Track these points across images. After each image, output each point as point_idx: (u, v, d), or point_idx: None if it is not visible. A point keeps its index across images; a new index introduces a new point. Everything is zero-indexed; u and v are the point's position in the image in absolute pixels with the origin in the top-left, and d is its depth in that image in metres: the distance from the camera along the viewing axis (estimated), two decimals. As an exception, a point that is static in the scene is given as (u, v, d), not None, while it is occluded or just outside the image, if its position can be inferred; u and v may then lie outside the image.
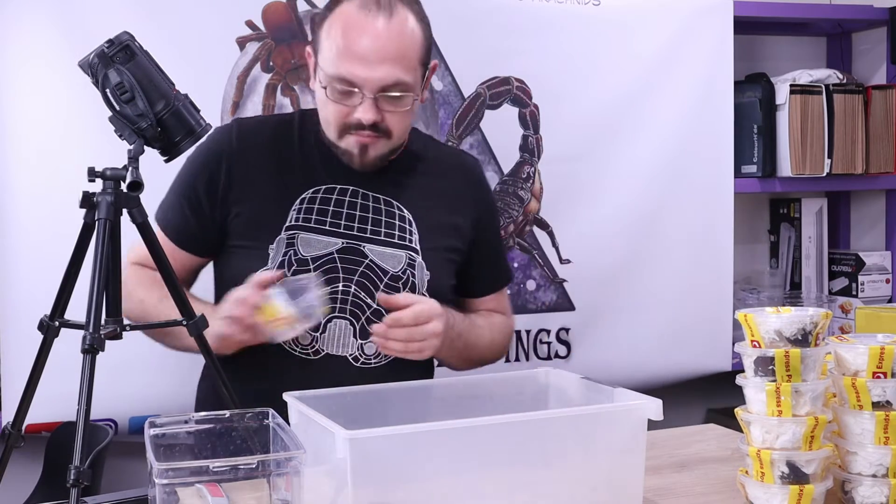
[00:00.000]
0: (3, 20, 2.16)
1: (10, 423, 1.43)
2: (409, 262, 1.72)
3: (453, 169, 1.85)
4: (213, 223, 1.72)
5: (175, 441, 1.34)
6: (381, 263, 1.70)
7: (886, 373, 1.26)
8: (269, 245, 1.68)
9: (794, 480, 1.26)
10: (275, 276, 1.58)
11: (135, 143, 1.34)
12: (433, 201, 1.78)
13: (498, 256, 1.93)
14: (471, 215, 1.82)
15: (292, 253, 1.67)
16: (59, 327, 1.36)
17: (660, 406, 1.30)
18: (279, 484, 1.20)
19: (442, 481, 1.22)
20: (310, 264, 1.67)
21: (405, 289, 1.71)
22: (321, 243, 1.68)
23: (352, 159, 1.69)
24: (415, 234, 1.74)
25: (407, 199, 1.75)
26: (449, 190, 1.81)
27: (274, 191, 1.71)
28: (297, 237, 1.68)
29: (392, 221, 1.73)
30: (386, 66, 1.60)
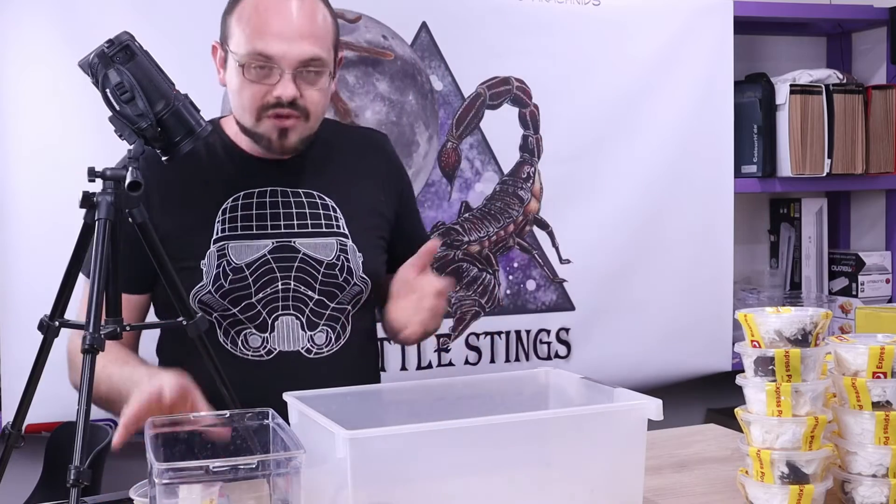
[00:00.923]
0: (3, 21, 2.16)
1: (10, 423, 1.43)
2: (341, 248, 1.72)
3: (365, 148, 1.85)
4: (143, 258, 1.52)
5: (175, 441, 1.34)
6: (313, 255, 1.70)
7: (886, 373, 1.26)
8: (200, 261, 1.66)
9: (794, 480, 1.26)
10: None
11: (135, 144, 1.34)
12: (352, 184, 1.78)
13: (418, 226, 1.93)
14: (391, 190, 1.83)
15: (225, 263, 1.66)
16: (59, 327, 1.36)
17: (660, 406, 1.30)
18: (279, 484, 1.20)
19: (442, 481, 1.22)
20: (244, 270, 1.66)
21: (342, 275, 1.71)
22: (251, 248, 1.68)
23: (270, 144, 1.67)
24: (341, 220, 1.74)
25: (326, 186, 1.75)
26: (365, 169, 1.81)
27: (194, 208, 1.68)
28: (226, 247, 1.67)
29: (316, 212, 1.73)
30: (303, 42, 1.60)
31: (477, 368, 2.56)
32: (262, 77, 1.61)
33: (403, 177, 1.90)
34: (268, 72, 1.61)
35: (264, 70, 1.61)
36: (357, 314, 1.75)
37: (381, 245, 1.80)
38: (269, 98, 1.62)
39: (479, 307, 2.57)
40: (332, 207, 1.74)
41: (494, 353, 2.59)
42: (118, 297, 1.36)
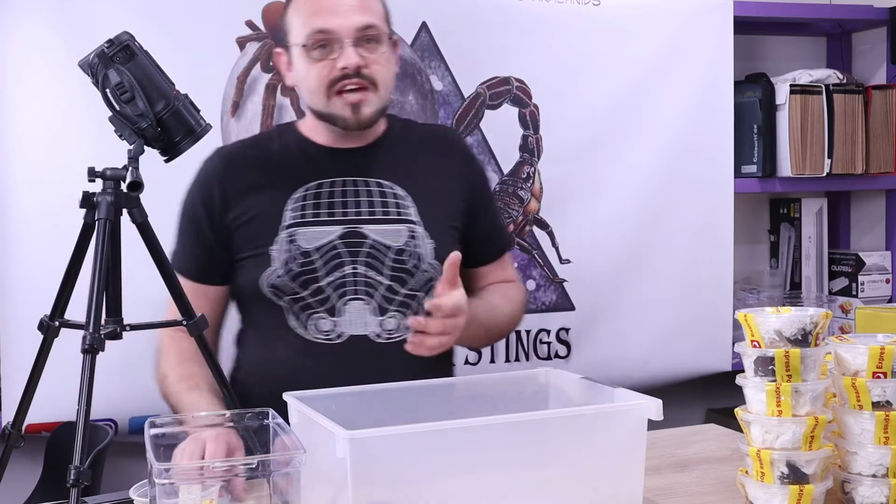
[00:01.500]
0: (3, 20, 2.16)
1: (10, 423, 1.43)
2: (411, 235, 1.75)
3: (437, 143, 1.89)
4: (222, 248, 1.76)
5: (175, 441, 1.34)
6: (383, 241, 1.73)
7: (886, 373, 1.26)
8: (270, 248, 1.71)
9: (794, 480, 1.26)
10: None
11: (135, 143, 1.34)
12: (423, 174, 1.81)
13: (494, 224, 1.95)
14: (462, 186, 1.85)
15: (294, 248, 1.71)
16: (59, 327, 1.37)
17: (660, 406, 1.30)
18: (279, 484, 1.20)
19: (442, 481, 1.22)
20: (312, 254, 1.71)
21: (411, 261, 1.74)
22: (321, 233, 1.72)
23: (346, 122, 1.71)
24: (411, 207, 1.77)
25: (397, 177, 1.78)
26: (436, 163, 1.84)
27: (266, 198, 1.75)
28: (296, 233, 1.71)
29: (386, 200, 1.76)
30: (356, 13, 1.68)
31: (477, 368, 2.55)
32: (324, 55, 1.68)
33: (477, 173, 1.93)
34: (329, 48, 1.68)
35: (326, 47, 1.68)
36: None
37: (454, 234, 1.82)
38: (334, 73, 1.68)
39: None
40: (402, 196, 1.77)
41: (494, 353, 2.59)
42: (118, 297, 1.36)
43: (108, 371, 1.51)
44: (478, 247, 1.87)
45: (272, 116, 2.35)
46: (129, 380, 2.15)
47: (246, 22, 2.33)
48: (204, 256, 1.77)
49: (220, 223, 1.75)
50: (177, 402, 1.64)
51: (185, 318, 1.41)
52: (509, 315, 1.89)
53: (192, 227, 1.78)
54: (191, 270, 1.75)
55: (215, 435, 1.36)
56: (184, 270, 1.74)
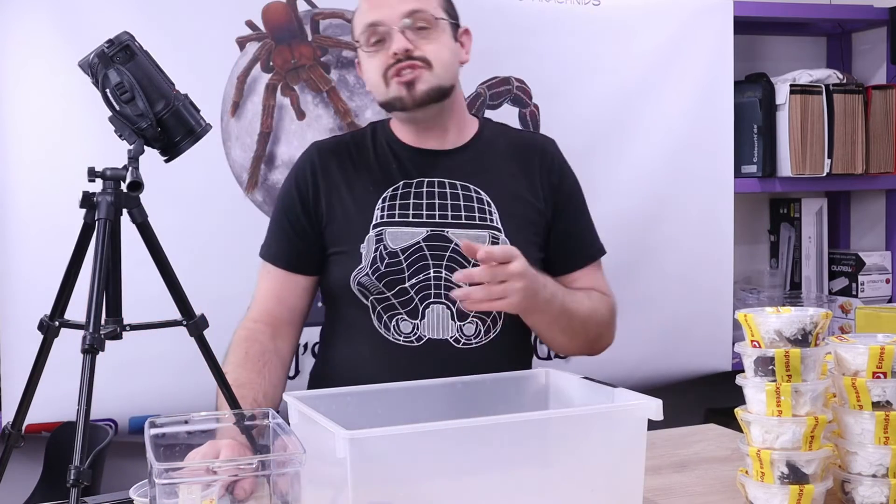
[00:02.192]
0: (3, 20, 2.16)
1: (10, 423, 1.43)
2: (493, 241, 1.76)
3: (526, 150, 1.90)
4: (315, 238, 1.81)
5: (175, 441, 1.34)
6: None
7: (886, 373, 1.26)
8: (360, 245, 1.75)
9: (794, 480, 1.26)
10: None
11: (135, 143, 1.34)
12: (509, 181, 1.83)
13: (584, 231, 1.93)
14: (548, 196, 1.86)
15: (382, 248, 1.74)
16: (59, 327, 1.36)
17: (660, 406, 1.30)
18: (279, 484, 1.20)
19: (442, 481, 1.22)
20: (399, 255, 1.74)
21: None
22: (407, 234, 1.75)
23: (403, 102, 1.74)
24: (495, 214, 1.78)
25: (483, 182, 1.80)
26: (523, 170, 1.85)
27: (358, 196, 1.79)
28: (384, 232, 1.75)
29: (471, 205, 1.78)
30: (404, 2, 1.72)
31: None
32: (378, 47, 1.74)
33: (565, 175, 1.91)
34: (381, 39, 1.73)
35: (378, 39, 1.73)
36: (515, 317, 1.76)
37: (535, 242, 1.83)
38: (388, 60, 1.72)
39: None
40: (486, 202, 1.79)
41: (494, 353, 2.58)
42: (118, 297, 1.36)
43: (108, 371, 1.51)
44: (562, 254, 1.87)
45: (272, 116, 2.35)
46: (129, 380, 2.15)
47: (246, 22, 2.33)
48: (298, 244, 1.81)
49: (315, 213, 1.80)
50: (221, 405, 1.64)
51: (185, 318, 1.40)
52: (590, 308, 1.83)
53: (286, 217, 1.83)
54: (284, 259, 1.81)
55: (229, 445, 1.37)
56: (276, 259, 1.81)
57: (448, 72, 1.77)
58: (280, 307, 1.80)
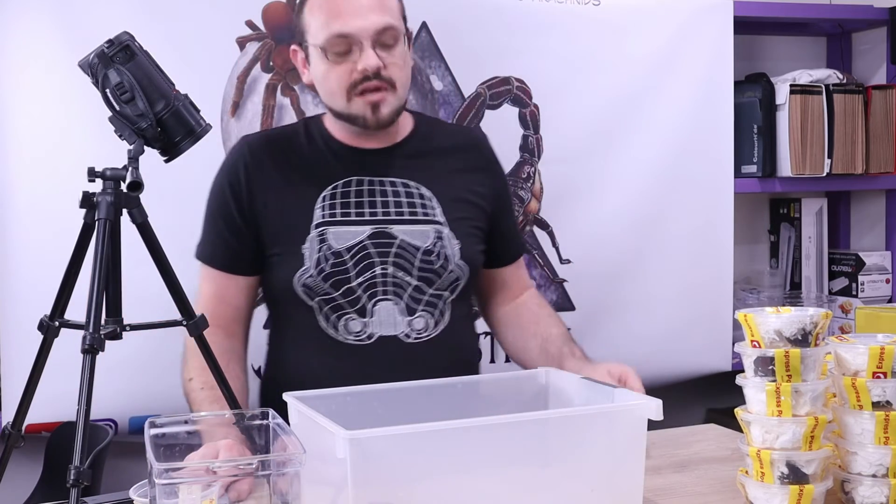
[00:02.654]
0: (3, 20, 2.16)
1: (10, 423, 1.43)
2: (437, 236, 1.77)
3: (464, 145, 1.91)
4: (251, 237, 1.78)
5: (175, 441, 1.34)
6: (411, 241, 1.75)
7: (886, 373, 1.26)
8: (301, 246, 1.73)
9: (794, 480, 1.26)
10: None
11: (135, 143, 1.34)
12: (448, 175, 1.84)
13: (512, 228, 1.98)
14: (486, 187, 1.87)
15: (326, 248, 1.73)
16: (59, 327, 1.36)
17: (660, 406, 1.30)
18: (279, 484, 1.20)
19: (442, 481, 1.22)
20: (344, 255, 1.72)
21: (439, 261, 1.76)
22: (351, 233, 1.74)
23: (366, 121, 1.73)
24: (437, 208, 1.79)
25: (423, 177, 1.81)
26: (462, 165, 1.86)
27: (295, 195, 1.76)
28: (327, 232, 1.73)
29: (413, 200, 1.78)
30: (375, 13, 1.68)
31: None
32: (344, 58, 1.69)
33: (500, 175, 1.95)
34: (348, 50, 1.69)
35: (345, 50, 1.69)
36: (456, 300, 1.80)
37: (478, 234, 1.85)
38: (354, 75, 1.69)
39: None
40: (428, 197, 1.79)
41: (494, 353, 2.59)
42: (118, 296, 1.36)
43: (108, 371, 1.51)
44: (499, 248, 1.91)
45: (272, 116, 2.35)
46: (129, 380, 2.15)
47: (246, 22, 2.33)
48: (234, 245, 1.78)
49: (250, 212, 1.77)
50: (199, 408, 1.64)
51: (185, 318, 1.41)
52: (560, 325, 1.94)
53: (220, 217, 1.79)
54: (220, 260, 1.78)
55: (228, 445, 1.37)
56: (212, 261, 1.78)
57: (407, 90, 1.78)
58: (225, 307, 1.76)
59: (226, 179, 1.79)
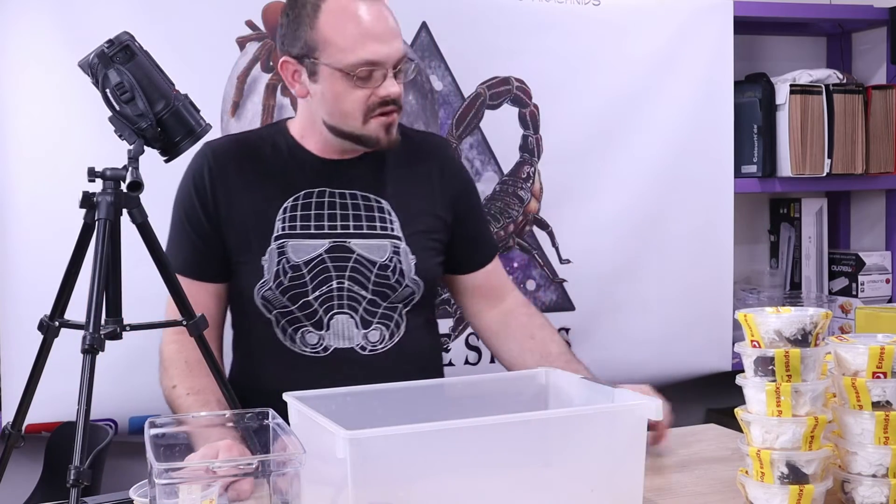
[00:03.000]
0: (3, 20, 2.16)
1: (10, 423, 1.43)
2: (394, 250, 1.77)
3: (423, 153, 1.90)
4: (219, 243, 1.77)
5: (175, 441, 1.34)
6: (367, 255, 1.76)
7: (886, 373, 1.26)
8: (261, 257, 1.73)
9: (794, 480, 1.26)
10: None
11: (135, 144, 1.34)
12: (407, 188, 1.83)
13: (483, 232, 1.98)
14: (446, 195, 1.87)
15: (284, 261, 1.73)
16: (59, 327, 1.37)
17: (660, 406, 1.30)
18: (279, 484, 1.20)
19: (442, 481, 1.22)
20: (302, 268, 1.73)
21: (394, 276, 1.76)
22: (309, 247, 1.74)
23: (379, 142, 1.74)
24: (395, 223, 1.79)
25: (383, 189, 1.80)
26: (421, 174, 1.86)
27: (257, 204, 1.76)
28: (286, 245, 1.73)
29: (372, 214, 1.78)
30: (396, 41, 1.72)
31: (477, 368, 2.56)
32: (368, 82, 1.69)
33: (462, 181, 1.94)
34: (371, 77, 1.69)
35: (370, 75, 1.69)
36: (411, 313, 1.81)
37: (436, 247, 1.84)
38: (373, 99, 1.70)
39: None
40: (387, 210, 1.79)
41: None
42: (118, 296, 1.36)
43: (108, 371, 1.51)
44: (465, 253, 1.91)
45: (272, 116, 2.35)
46: (129, 380, 2.15)
47: (246, 22, 2.33)
48: (203, 251, 1.77)
49: (216, 217, 1.76)
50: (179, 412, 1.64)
51: (185, 318, 1.41)
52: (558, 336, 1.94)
53: (187, 222, 1.78)
54: (188, 267, 1.76)
55: (228, 445, 1.36)
56: (183, 269, 1.74)
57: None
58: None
59: (191, 184, 1.78)
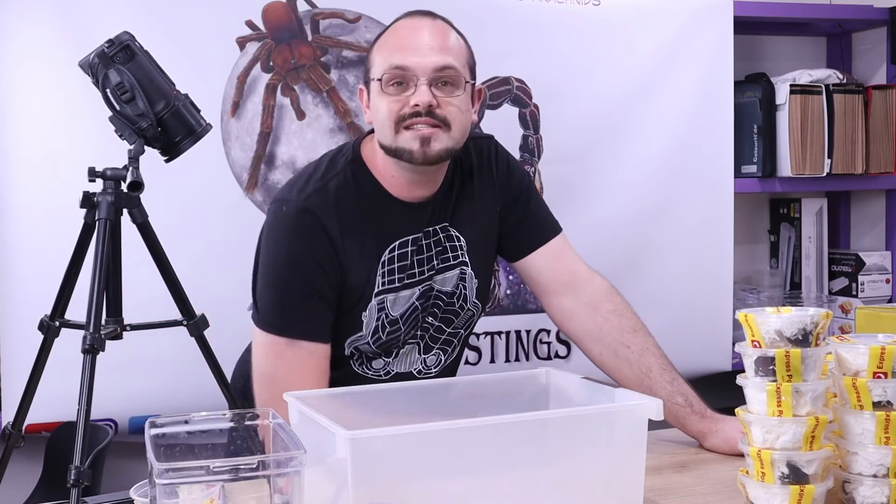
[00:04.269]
0: (3, 20, 2.16)
1: (10, 423, 1.43)
2: (461, 277, 1.76)
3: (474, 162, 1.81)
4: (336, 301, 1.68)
5: (175, 441, 1.34)
6: (442, 288, 1.75)
7: (887, 373, 1.26)
8: (363, 313, 1.69)
9: (795, 480, 1.26)
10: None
11: (135, 143, 1.34)
12: (471, 208, 1.78)
13: (537, 211, 1.86)
14: (504, 198, 1.82)
15: (384, 316, 1.70)
16: (59, 327, 1.37)
17: (660, 406, 1.30)
18: (279, 484, 1.20)
19: (442, 481, 1.22)
20: (399, 322, 1.71)
21: (458, 302, 1.76)
22: (404, 298, 1.71)
23: (412, 156, 1.64)
24: (464, 248, 1.77)
25: (458, 221, 1.76)
26: (479, 189, 1.80)
27: (359, 259, 1.68)
28: (385, 301, 1.70)
29: (451, 244, 1.76)
30: (436, 53, 1.63)
31: (477, 368, 2.55)
32: (399, 91, 1.63)
33: (514, 173, 1.84)
34: (405, 85, 1.63)
35: (401, 83, 1.63)
36: (465, 332, 1.82)
37: (491, 254, 1.84)
38: (405, 109, 1.63)
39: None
40: (459, 238, 1.76)
41: (494, 353, 2.59)
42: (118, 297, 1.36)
43: (108, 371, 1.51)
44: (520, 238, 1.83)
45: (272, 116, 2.35)
46: (129, 380, 2.15)
47: (246, 22, 2.33)
48: (329, 315, 1.67)
49: (338, 278, 1.66)
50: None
51: (186, 318, 1.41)
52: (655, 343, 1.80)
53: (308, 286, 1.65)
54: (316, 332, 1.66)
55: None
56: (306, 334, 1.65)
57: (463, 135, 1.68)
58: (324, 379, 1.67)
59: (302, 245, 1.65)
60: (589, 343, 1.79)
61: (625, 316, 1.79)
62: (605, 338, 1.76)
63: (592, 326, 1.78)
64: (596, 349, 1.77)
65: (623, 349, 1.74)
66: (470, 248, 1.77)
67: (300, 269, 1.65)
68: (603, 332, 1.76)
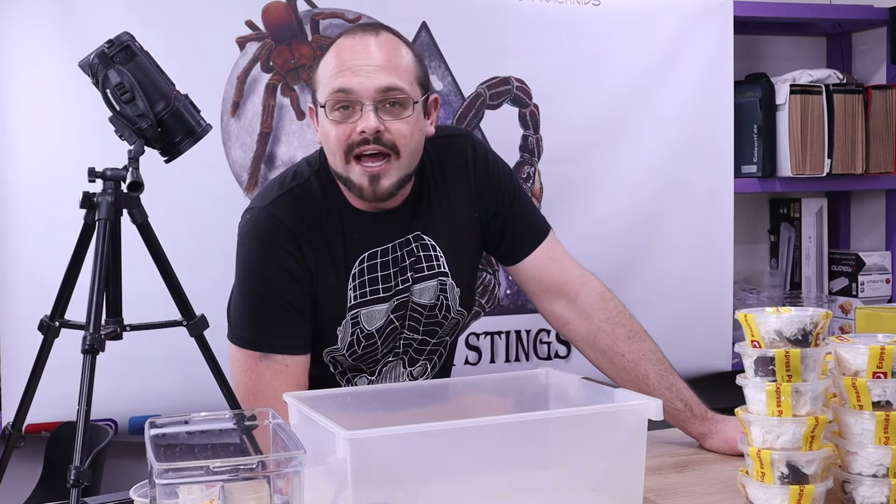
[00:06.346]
0: (3, 20, 2.16)
1: (10, 423, 1.43)
2: (441, 289, 1.72)
3: (448, 165, 1.76)
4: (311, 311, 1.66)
5: (175, 441, 1.34)
6: (420, 301, 1.71)
7: (886, 373, 1.26)
8: (337, 328, 1.67)
9: (795, 481, 1.26)
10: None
11: (135, 144, 1.34)
12: (452, 213, 1.74)
13: (526, 214, 1.82)
14: (485, 199, 1.76)
15: (358, 331, 1.68)
16: (59, 327, 1.37)
17: (660, 406, 1.30)
18: (279, 484, 1.20)
19: (442, 481, 1.22)
20: (375, 336, 1.69)
21: (441, 313, 1.73)
22: (379, 312, 1.68)
23: (363, 192, 1.61)
24: (442, 258, 1.72)
25: (432, 230, 1.72)
26: (453, 190, 1.75)
27: (329, 273, 1.65)
28: (359, 315, 1.67)
29: (426, 254, 1.71)
30: (380, 73, 1.57)
31: (477, 368, 2.56)
32: (345, 116, 1.58)
33: (498, 175, 1.79)
34: (350, 110, 1.58)
35: (346, 108, 1.58)
36: (452, 337, 1.81)
37: (472, 260, 1.80)
38: (353, 136, 1.57)
39: (479, 307, 2.57)
40: (434, 247, 1.72)
41: (494, 353, 2.59)
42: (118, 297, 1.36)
43: (108, 371, 1.51)
44: (512, 242, 1.79)
45: (272, 116, 2.35)
46: (129, 380, 2.15)
47: (246, 22, 2.33)
48: (307, 326, 1.65)
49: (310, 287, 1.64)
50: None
51: (186, 318, 1.40)
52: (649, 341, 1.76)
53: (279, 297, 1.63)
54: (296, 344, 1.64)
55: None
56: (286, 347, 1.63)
57: (414, 158, 1.63)
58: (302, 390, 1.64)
59: (270, 257, 1.63)
60: (585, 349, 1.77)
61: (618, 324, 1.74)
62: (599, 346, 1.73)
63: (587, 334, 1.75)
64: (592, 355, 1.76)
65: (618, 357, 1.70)
66: (448, 256, 1.72)
67: (269, 281, 1.63)
68: (597, 341, 1.73)
